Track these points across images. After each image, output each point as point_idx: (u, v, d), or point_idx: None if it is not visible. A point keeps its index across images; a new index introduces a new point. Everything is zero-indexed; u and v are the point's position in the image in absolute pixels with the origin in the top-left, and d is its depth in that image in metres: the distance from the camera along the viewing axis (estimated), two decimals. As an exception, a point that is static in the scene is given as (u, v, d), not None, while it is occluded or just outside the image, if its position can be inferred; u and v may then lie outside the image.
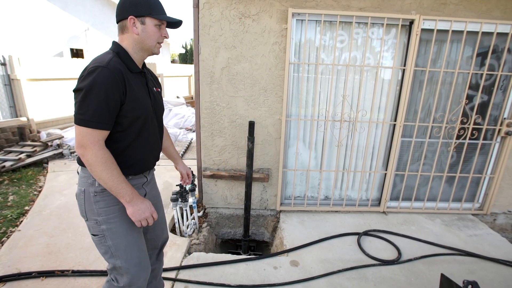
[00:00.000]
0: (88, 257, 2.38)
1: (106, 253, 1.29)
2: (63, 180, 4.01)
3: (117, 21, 1.24)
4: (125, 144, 1.25)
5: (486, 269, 2.24)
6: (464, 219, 2.98)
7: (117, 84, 1.12)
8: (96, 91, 1.08)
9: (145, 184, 1.42)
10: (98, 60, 1.14)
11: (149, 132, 1.32)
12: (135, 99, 1.20)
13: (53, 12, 7.93)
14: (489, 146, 2.91)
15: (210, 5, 2.44)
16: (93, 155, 1.11)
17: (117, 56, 1.19)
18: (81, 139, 1.11)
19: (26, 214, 3.07)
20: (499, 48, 2.66)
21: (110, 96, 1.11)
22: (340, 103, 2.74)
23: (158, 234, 1.57)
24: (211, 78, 2.62)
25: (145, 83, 1.31)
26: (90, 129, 1.10)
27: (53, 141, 5.20)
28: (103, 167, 1.12)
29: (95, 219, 1.24)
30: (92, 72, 1.09)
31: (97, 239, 1.27)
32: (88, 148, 1.11)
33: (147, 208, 1.23)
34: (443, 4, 2.50)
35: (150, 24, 1.21)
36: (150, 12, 1.19)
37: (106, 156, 1.14)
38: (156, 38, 1.25)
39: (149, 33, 1.22)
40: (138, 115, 1.23)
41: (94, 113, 1.09)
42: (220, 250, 3.12)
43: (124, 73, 1.16)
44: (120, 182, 1.16)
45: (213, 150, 2.82)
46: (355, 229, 2.70)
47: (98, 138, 1.12)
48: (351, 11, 2.47)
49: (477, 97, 2.74)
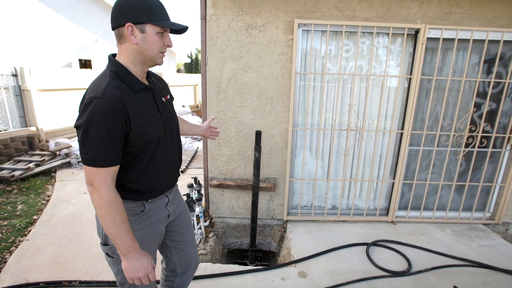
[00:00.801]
0: (95, 267, 2.38)
1: (118, 274, 1.25)
2: (70, 189, 4.04)
3: (112, 28, 1.08)
4: (140, 170, 1.16)
5: (500, 281, 2.18)
6: (475, 229, 2.92)
7: (116, 114, 1.00)
8: (96, 127, 0.98)
9: (168, 205, 1.33)
10: (93, 89, 1.02)
11: (165, 151, 1.23)
12: (142, 126, 1.09)
13: (62, 24, 8.14)
14: (499, 154, 2.87)
15: (217, 17, 2.49)
16: (98, 196, 1.03)
17: (115, 77, 1.06)
18: (88, 178, 1.03)
19: (34, 224, 3.10)
20: (506, 55, 2.65)
21: (112, 130, 1.00)
22: (347, 112, 2.74)
23: (191, 250, 1.52)
24: (218, 88, 2.65)
25: (152, 98, 1.18)
26: (96, 168, 1.01)
27: (61, 150, 5.27)
28: (106, 211, 1.03)
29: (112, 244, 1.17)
30: (88, 105, 0.98)
31: (111, 260, 1.23)
32: (96, 188, 1.02)
33: (142, 267, 1.09)
34: (448, 13, 2.51)
35: (151, 32, 1.05)
36: (150, 18, 1.03)
37: (111, 199, 1.03)
38: (158, 47, 1.09)
39: (150, 42, 1.06)
40: (149, 140, 1.13)
41: (97, 151, 1.00)
42: (227, 260, 3.09)
43: (124, 99, 1.03)
44: (120, 231, 1.05)
45: (220, 159, 2.83)
46: (363, 239, 2.66)
47: (106, 177, 1.03)
48: (356, 21, 2.49)
49: (485, 105, 2.72)
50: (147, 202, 1.23)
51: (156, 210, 1.27)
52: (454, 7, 2.49)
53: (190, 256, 1.53)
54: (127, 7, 1.02)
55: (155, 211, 1.27)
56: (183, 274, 1.55)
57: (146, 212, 1.23)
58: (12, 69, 5.20)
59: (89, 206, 3.53)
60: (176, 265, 1.51)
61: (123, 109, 1.02)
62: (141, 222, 1.22)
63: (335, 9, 2.48)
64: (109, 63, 1.11)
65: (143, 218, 1.23)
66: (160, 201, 1.29)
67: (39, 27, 7.47)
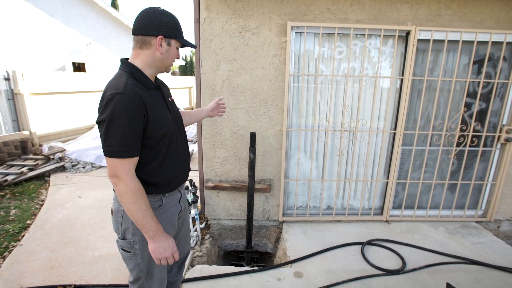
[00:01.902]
0: (90, 271, 2.37)
1: (135, 269, 1.31)
2: (65, 194, 4.01)
3: (136, 34, 1.19)
4: (157, 163, 1.25)
5: (492, 277, 2.22)
6: (468, 226, 2.97)
7: (137, 108, 1.10)
8: (118, 120, 1.07)
9: (181, 200, 1.44)
10: (114, 86, 1.11)
11: (177, 145, 1.33)
12: (158, 119, 1.20)
13: (55, 27, 8.09)
14: (490, 153, 2.93)
15: (211, 20, 2.50)
16: (124, 185, 1.11)
17: (131, 77, 1.17)
18: (112, 170, 1.11)
19: (28, 228, 3.07)
20: (495, 56, 2.71)
21: (133, 122, 1.10)
22: (340, 113, 2.78)
23: (182, 247, 1.59)
24: (213, 91, 2.66)
25: (161, 97, 1.30)
26: (120, 159, 1.10)
27: (55, 154, 5.22)
28: (132, 199, 1.12)
29: (130, 238, 1.26)
30: (110, 100, 1.07)
31: (128, 256, 1.29)
32: (120, 178, 1.11)
33: (169, 247, 1.20)
34: (438, 15, 2.56)
35: (174, 46, 1.24)
36: (176, 35, 1.22)
37: (136, 187, 1.13)
38: (174, 58, 1.28)
39: (171, 54, 1.24)
40: (164, 133, 1.23)
41: (120, 142, 1.09)
42: (223, 262, 3.10)
43: (142, 95, 1.14)
44: (146, 216, 1.15)
45: (215, 161, 2.84)
46: (358, 239, 2.68)
47: (129, 167, 1.13)
48: (348, 23, 2.53)
49: (475, 104, 2.78)
50: (164, 197, 1.32)
51: (171, 205, 1.37)
52: (444, 9, 2.54)
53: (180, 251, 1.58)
54: (161, 21, 1.18)
55: (170, 206, 1.36)
56: (171, 270, 1.60)
57: (163, 206, 1.32)
58: (4, 73, 5.15)
59: (83, 210, 3.51)
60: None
61: (142, 104, 1.12)
62: (159, 216, 1.29)
63: (327, 11, 2.51)
64: (123, 65, 1.21)
65: (161, 213, 1.31)
66: (174, 196, 1.38)
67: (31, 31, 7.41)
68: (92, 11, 9.20)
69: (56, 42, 8.14)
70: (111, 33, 9.95)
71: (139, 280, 1.34)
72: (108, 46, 9.89)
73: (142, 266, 1.30)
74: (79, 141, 6.15)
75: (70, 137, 6.45)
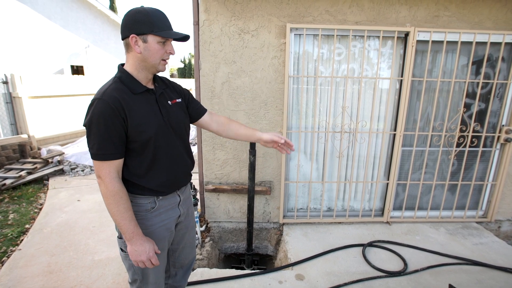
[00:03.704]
0: (90, 276, 2.35)
1: (130, 269, 1.33)
2: (64, 197, 3.99)
3: (122, 39, 1.22)
4: (145, 168, 1.24)
5: (494, 278, 2.21)
6: (469, 227, 2.96)
7: (114, 113, 1.10)
8: (95, 124, 1.10)
9: (180, 204, 1.39)
10: (97, 92, 1.15)
11: (168, 149, 1.29)
12: (140, 124, 1.17)
13: (54, 30, 8.08)
14: (489, 153, 2.93)
15: (210, 22, 2.50)
16: (104, 187, 1.14)
17: (118, 81, 1.18)
18: (96, 171, 1.16)
19: (27, 233, 3.04)
20: (493, 56, 2.72)
21: (109, 126, 1.10)
22: (340, 114, 2.77)
23: (187, 253, 1.56)
24: (212, 93, 2.65)
25: (154, 100, 1.26)
26: (101, 162, 1.13)
27: (54, 158, 5.20)
28: (111, 200, 1.14)
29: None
30: (90, 106, 1.12)
31: (124, 255, 1.30)
32: (102, 179, 1.14)
33: (144, 252, 1.19)
34: (436, 16, 2.57)
35: (153, 42, 1.15)
36: (151, 29, 1.13)
37: (116, 190, 1.14)
38: (160, 55, 1.19)
39: (151, 51, 1.17)
40: (147, 137, 1.20)
41: (99, 146, 1.12)
42: (224, 265, 3.08)
43: (122, 100, 1.13)
44: (124, 218, 1.15)
45: (215, 164, 2.83)
46: (359, 240, 2.67)
47: (110, 170, 1.14)
48: (347, 25, 2.53)
49: (474, 105, 2.78)
50: (158, 199, 1.30)
51: (167, 208, 1.34)
52: (442, 11, 2.55)
53: (186, 257, 1.57)
54: (132, 19, 1.15)
55: (166, 209, 1.33)
56: (175, 275, 1.58)
57: (157, 209, 1.30)
58: (2, 76, 5.14)
59: (83, 213, 3.48)
60: (169, 266, 1.54)
61: (120, 108, 1.12)
62: (152, 218, 1.28)
63: (326, 13, 2.52)
64: (117, 70, 1.24)
65: (154, 215, 1.29)
66: (171, 200, 1.35)
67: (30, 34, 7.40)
68: (91, 14, 9.21)
69: (54, 45, 8.13)
70: (109, 36, 9.96)
71: (136, 282, 1.35)
72: (106, 49, 9.90)
73: (135, 268, 1.30)
74: (78, 144, 6.13)
75: (69, 140, 6.43)
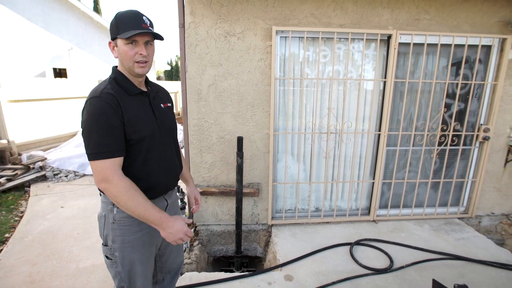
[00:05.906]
0: (74, 284, 2.28)
1: (116, 277, 1.30)
2: (46, 204, 3.86)
3: None
4: (136, 167, 1.22)
5: (475, 271, 2.29)
6: (451, 223, 3.06)
7: (111, 109, 1.10)
8: (96, 122, 1.08)
9: (167, 209, 1.39)
10: (92, 92, 1.14)
11: (160, 151, 1.30)
12: (136, 122, 1.18)
13: (35, 32, 7.85)
14: (469, 151, 3.03)
15: (196, 25, 2.49)
16: (115, 187, 1.09)
17: (113, 82, 1.19)
18: (98, 174, 1.09)
19: (6, 242, 2.93)
20: (471, 58, 2.83)
21: (109, 122, 1.09)
22: (326, 116, 2.81)
23: (174, 257, 1.55)
24: (198, 96, 2.64)
25: (147, 102, 1.28)
26: (102, 161, 1.08)
27: (36, 163, 5.03)
28: (128, 196, 1.10)
29: (111, 244, 1.25)
30: (86, 106, 1.11)
31: (109, 262, 1.27)
32: (109, 181, 1.09)
33: (179, 230, 1.18)
34: (417, 20, 2.65)
35: (121, 45, 1.16)
36: (117, 32, 1.15)
37: (127, 184, 1.11)
38: (130, 57, 1.17)
39: (122, 54, 1.18)
40: (142, 136, 1.20)
41: (99, 144, 1.08)
42: (213, 268, 3.05)
43: (118, 98, 1.14)
44: (147, 208, 1.13)
45: (202, 166, 2.81)
46: (347, 239, 2.71)
47: (114, 168, 1.10)
48: (332, 27, 2.58)
49: (454, 105, 2.88)
50: None
51: None
52: (422, 14, 2.64)
53: (173, 262, 1.55)
54: (110, 25, 1.20)
55: None
56: (163, 280, 1.56)
57: None
58: (-21, 80, 4.94)
59: (66, 220, 3.38)
60: (157, 271, 1.51)
61: (117, 105, 1.13)
62: (140, 224, 1.26)
63: (311, 16, 2.55)
64: (111, 71, 1.25)
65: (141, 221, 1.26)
66: (158, 204, 1.32)
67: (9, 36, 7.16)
68: (74, 16, 8.99)
69: (35, 48, 7.89)
70: (93, 38, 9.74)
71: None
72: (90, 51, 9.68)
73: (122, 275, 1.28)
74: (61, 149, 5.96)
75: (52, 145, 6.23)
